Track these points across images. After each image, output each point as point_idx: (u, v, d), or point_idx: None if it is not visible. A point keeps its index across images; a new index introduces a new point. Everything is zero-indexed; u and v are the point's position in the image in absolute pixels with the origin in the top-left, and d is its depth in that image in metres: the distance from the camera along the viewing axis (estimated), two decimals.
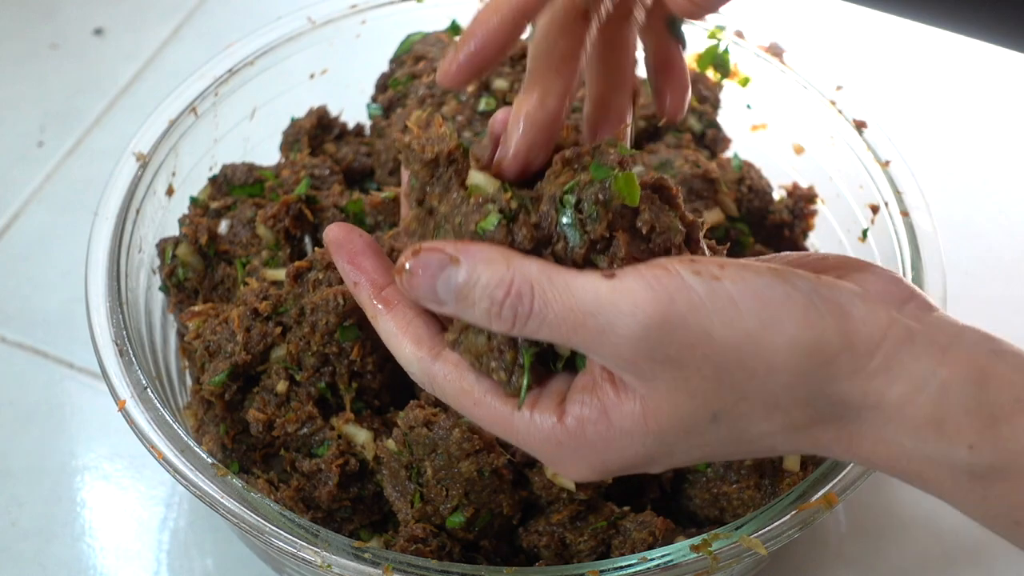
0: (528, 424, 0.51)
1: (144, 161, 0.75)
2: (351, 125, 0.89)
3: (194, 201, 0.78)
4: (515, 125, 0.52)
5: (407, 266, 0.49)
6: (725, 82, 0.86)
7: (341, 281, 0.69)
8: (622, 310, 0.47)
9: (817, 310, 0.47)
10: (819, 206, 0.83)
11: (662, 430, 0.49)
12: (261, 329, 0.69)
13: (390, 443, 0.65)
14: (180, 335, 0.76)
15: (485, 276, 0.48)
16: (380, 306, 0.53)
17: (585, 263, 0.50)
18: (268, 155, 0.85)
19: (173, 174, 0.78)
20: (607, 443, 0.50)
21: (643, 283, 0.47)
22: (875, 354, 0.48)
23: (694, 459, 0.51)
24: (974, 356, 0.48)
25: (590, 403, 0.50)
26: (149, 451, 0.63)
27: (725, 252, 0.56)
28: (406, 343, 0.53)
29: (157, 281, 0.76)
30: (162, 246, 0.75)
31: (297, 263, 0.70)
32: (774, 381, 0.47)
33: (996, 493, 0.48)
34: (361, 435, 0.67)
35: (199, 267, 0.75)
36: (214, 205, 0.77)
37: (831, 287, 0.48)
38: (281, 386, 0.68)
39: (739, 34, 0.83)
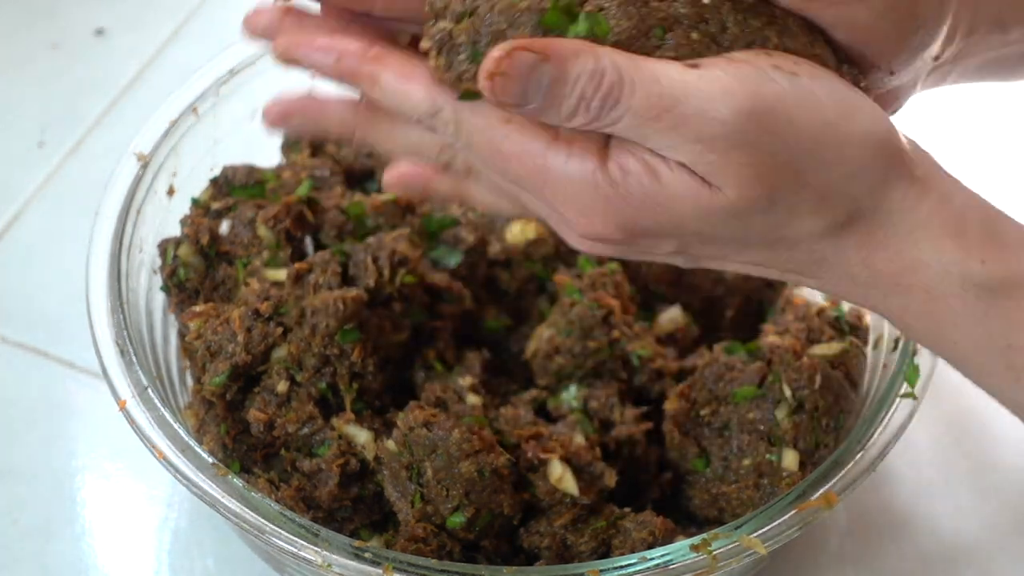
0: (564, 162, 0.49)
1: (145, 161, 0.75)
2: None
3: (195, 202, 0.78)
4: None
5: (498, 70, 0.46)
6: None
7: (340, 285, 0.69)
8: (712, 96, 0.47)
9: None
10: None
11: (713, 207, 0.49)
12: (262, 329, 0.69)
13: (390, 444, 0.66)
14: (181, 335, 0.76)
15: (575, 70, 0.46)
16: (372, 66, 0.51)
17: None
18: (269, 156, 0.85)
19: (174, 174, 0.78)
20: (648, 200, 0.49)
21: (731, 73, 0.47)
22: (922, 161, 0.51)
23: (720, 255, 0.51)
24: (979, 197, 0.53)
25: (639, 156, 0.49)
26: (150, 451, 0.63)
27: None
28: (417, 87, 0.50)
29: (158, 281, 0.76)
30: (163, 246, 0.75)
31: (297, 265, 0.70)
32: (838, 171, 0.49)
33: (997, 311, 0.51)
34: (362, 435, 0.68)
35: (200, 267, 0.75)
36: (215, 206, 0.77)
37: None
38: (282, 386, 0.68)
39: None
